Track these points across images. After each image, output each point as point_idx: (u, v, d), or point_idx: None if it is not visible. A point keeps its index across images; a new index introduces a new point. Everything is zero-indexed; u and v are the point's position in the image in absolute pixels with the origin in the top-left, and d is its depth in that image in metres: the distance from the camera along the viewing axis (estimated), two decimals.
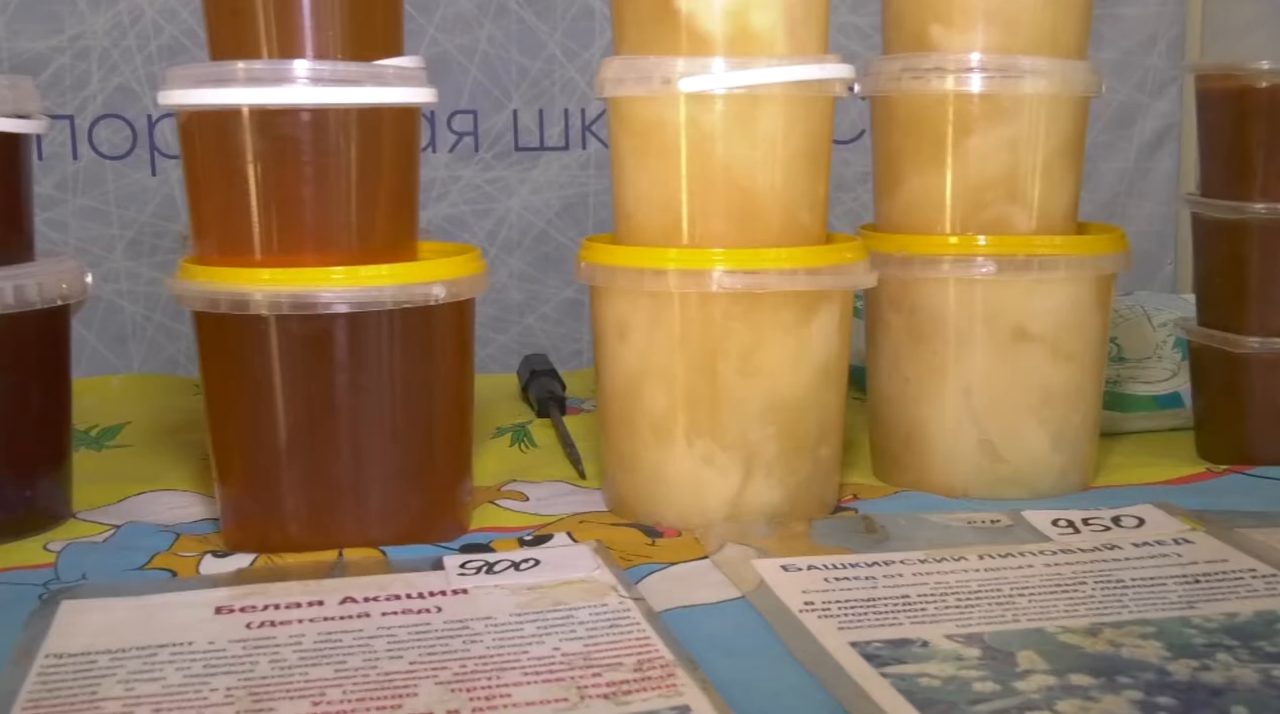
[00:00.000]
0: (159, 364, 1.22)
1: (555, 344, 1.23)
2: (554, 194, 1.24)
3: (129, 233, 1.20)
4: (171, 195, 1.22)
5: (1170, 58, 1.32)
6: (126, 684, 0.49)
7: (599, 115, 1.28)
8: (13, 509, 0.69)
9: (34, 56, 1.18)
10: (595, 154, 1.25)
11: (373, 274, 0.63)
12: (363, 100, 0.64)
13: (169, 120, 1.22)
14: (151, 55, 1.26)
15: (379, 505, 0.66)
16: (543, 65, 1.24)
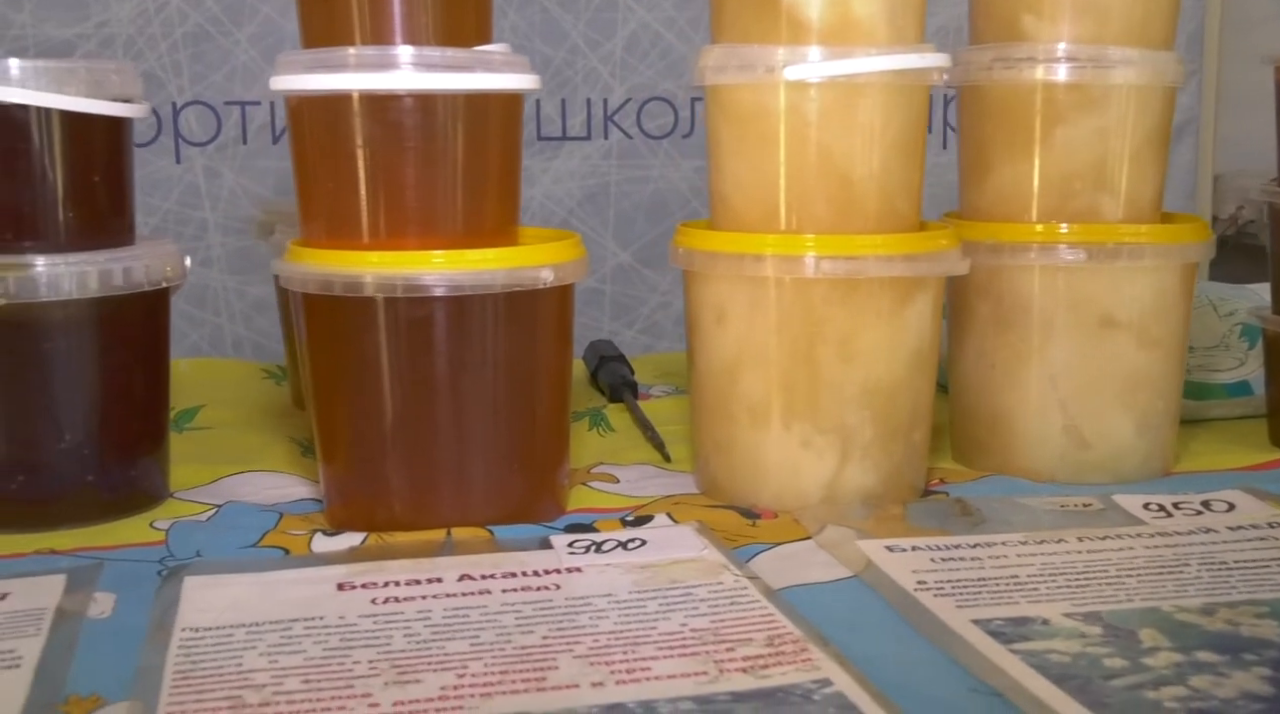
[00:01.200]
0: (183, 350, 1.22)
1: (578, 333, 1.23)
2: (575, 184, 1.25)
3: (153, 220, 1.21)
4: (195, 183, 1.23)
5: (1190, 51, 1.33)
6: (269, 657, 0.50)
7: (621, 105, 1.29)
8: (117, 489, 0.70)
9: (60, 43, 1.19)
10: (617, 144, 1.25)
11: (484, 258, 0.64)
12: (471, 86, 0.65)
13: (193, 108, 1.23)
14: (176, 43, 1.27)
15: (482, 486, 0.67)
16: (565, 55, 1.25)
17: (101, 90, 0.68)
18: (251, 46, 1.20)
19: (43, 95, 0.66)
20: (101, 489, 0.69)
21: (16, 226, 0.67)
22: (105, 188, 0.70)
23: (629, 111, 1.30)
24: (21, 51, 1.28)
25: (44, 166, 0.67)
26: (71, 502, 0.68)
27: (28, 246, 0.67)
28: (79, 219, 0.68)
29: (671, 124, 1.48)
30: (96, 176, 0.69)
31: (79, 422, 0.68)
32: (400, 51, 0.64)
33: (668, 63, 1.48)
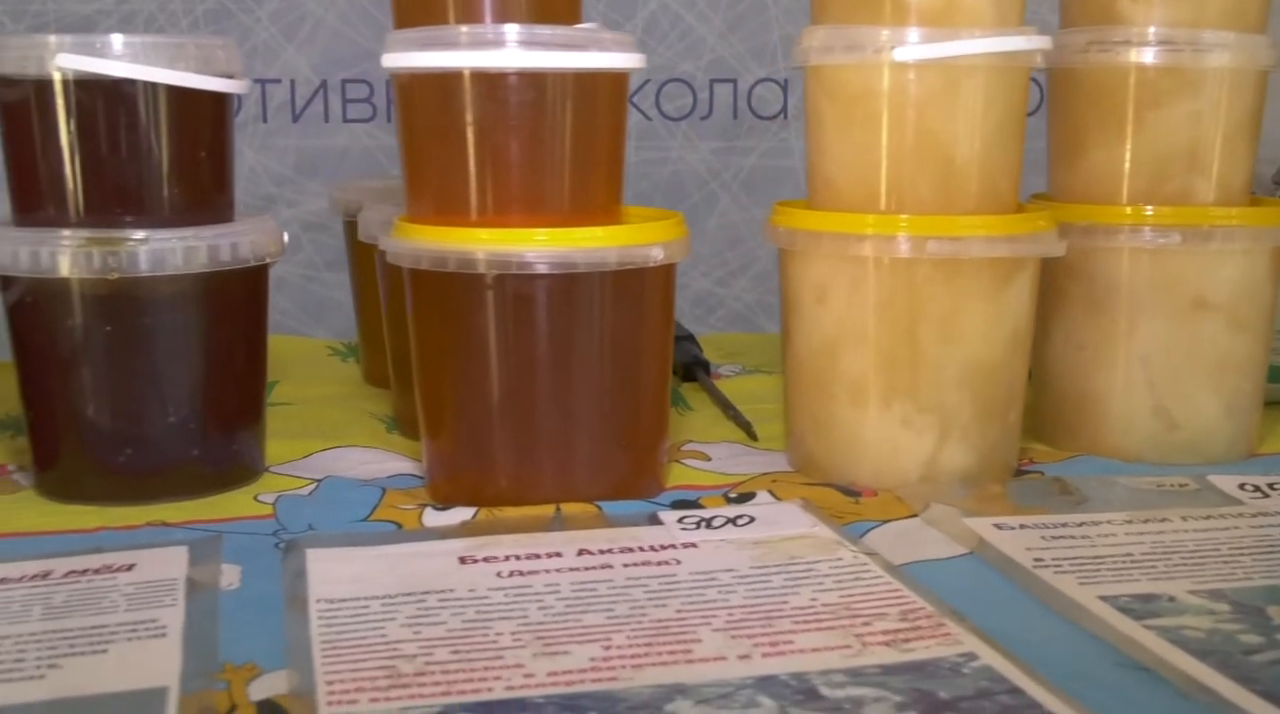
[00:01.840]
0: None
1: None
2: None
3: None
4: None
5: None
6: (412, 628, 0.51)
7: (640, 87, 1.28)
8: (218, 462, 0.70)
9: (81, 19, 1.18)
10: (636, 125, 1.24)
11: (596, 236, 0.64)
12: (581, 65, 0.65)
13: None
14: (197, 20, 1.26)
15: (586, 462, 0.67)
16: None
17: (209, 66, 0.68)
18: (272, 24, 1.20)
19: (152, 70, 0.66)
20: (205, 463, 0.69)
21: (124, 202, 0.67)
22: (210, 164, 0.70)
23: (648, 93, 1.30)
24: (43, 28, 1.28)
25: (152, 142, 0.67)
26: (177, 475, 0.69)
27: (134, 221, 0.67)
28: (184, 195, 0.69)
29: (690, 106, 1.48)
30: (202, 152, 0.69)
31: (185, 396, 0.68)
32: (512, 29, 0.64)
33: (687, 44, 1.47)
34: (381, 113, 1.39)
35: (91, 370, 0.67)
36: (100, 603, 0.54)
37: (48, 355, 0.67)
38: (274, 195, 1.16)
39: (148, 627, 0.51)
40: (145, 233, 0.66)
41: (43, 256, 0.65)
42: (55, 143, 0.67)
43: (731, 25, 1.29)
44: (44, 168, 0.67)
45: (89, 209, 0.67)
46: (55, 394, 0.68)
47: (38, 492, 0.70)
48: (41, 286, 0.66)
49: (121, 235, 0.66)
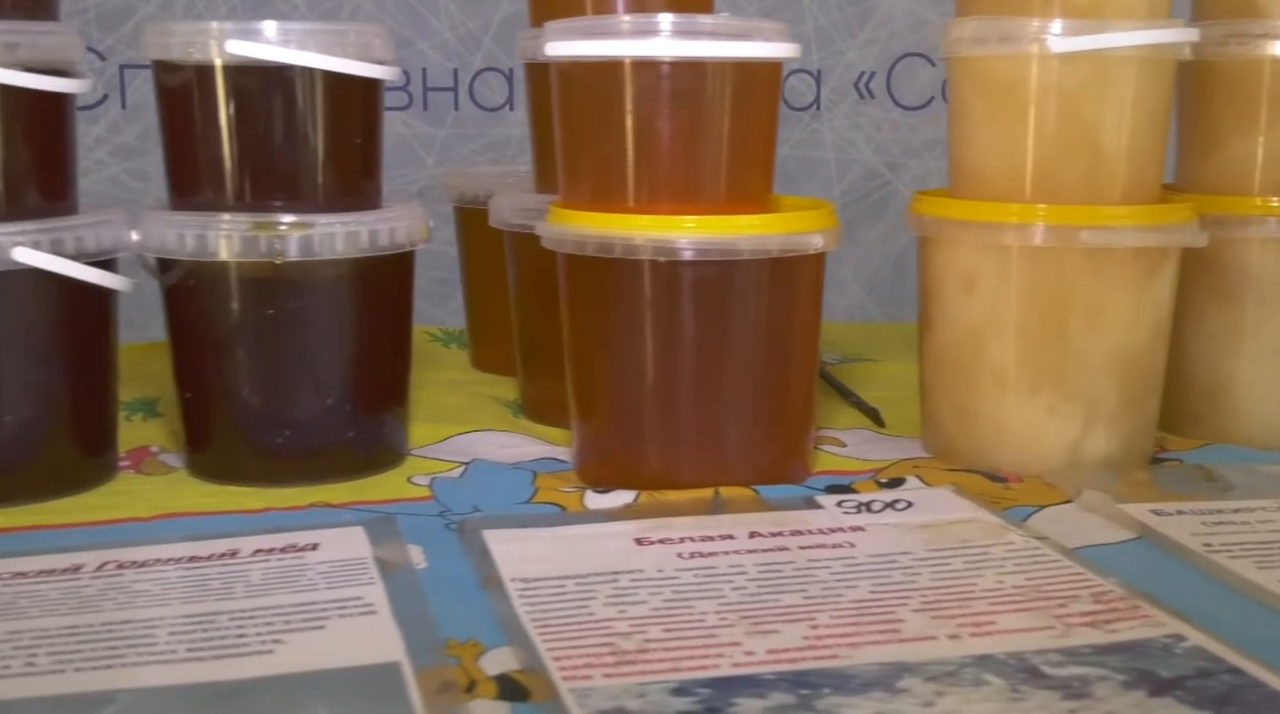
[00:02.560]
0: None
1: None
2: None
3: None
4: None
5: None
6: (616, 607, 0.52)
7: None
8: (370, 445, 0.71)
9: (119, 6, 1.18)
10: None
11: (756, 223, 0.65)
12: (741, 54, 0.66)
13: None
14: (235, 6, 1.27)
15: (738, 447, 0.68)
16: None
17: (366, 53, 0.69)
18: (309, 10, 1.19)
19: (316, 57, 0.67)
20: (357, 445, 0.70)
21: (282, 187, 0.68)
22: (362, 150, 0.71)
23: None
24: (81, 13, 1.28)
25: (309, 128, 0.68)
26: (332, 456, 0.70)
27: (290, 206, 0.68)
28: (338, 180, 0.70)
29: None
30: (357, 138, 0.70)
31: (341, 379, 0.69)
32: (674, 19, 0.65)
33: None
34: (418, 101, 1.40)
35: (252, 353, 0.68)
36: (298, 581, 0.55)
37: (206, 338, 0.68)
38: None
39: (355, 604, 0.52)
40: (309, 217, 0.67)
41: (209, 240, 0.66)
42: (216, 128, 0.68)
43: (765, 15, 1.29)
44: (204, 152, 0.68)
45: (247, 193, 0.68)
46: (213, 376, 0.69)
47: (190, 472, 0.71)
48: (203, 270, 0.67)
49: (285, 219, 0.66)
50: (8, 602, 0.53)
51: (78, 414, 0.68)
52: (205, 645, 0.49)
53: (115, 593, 0.54)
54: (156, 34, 0.68)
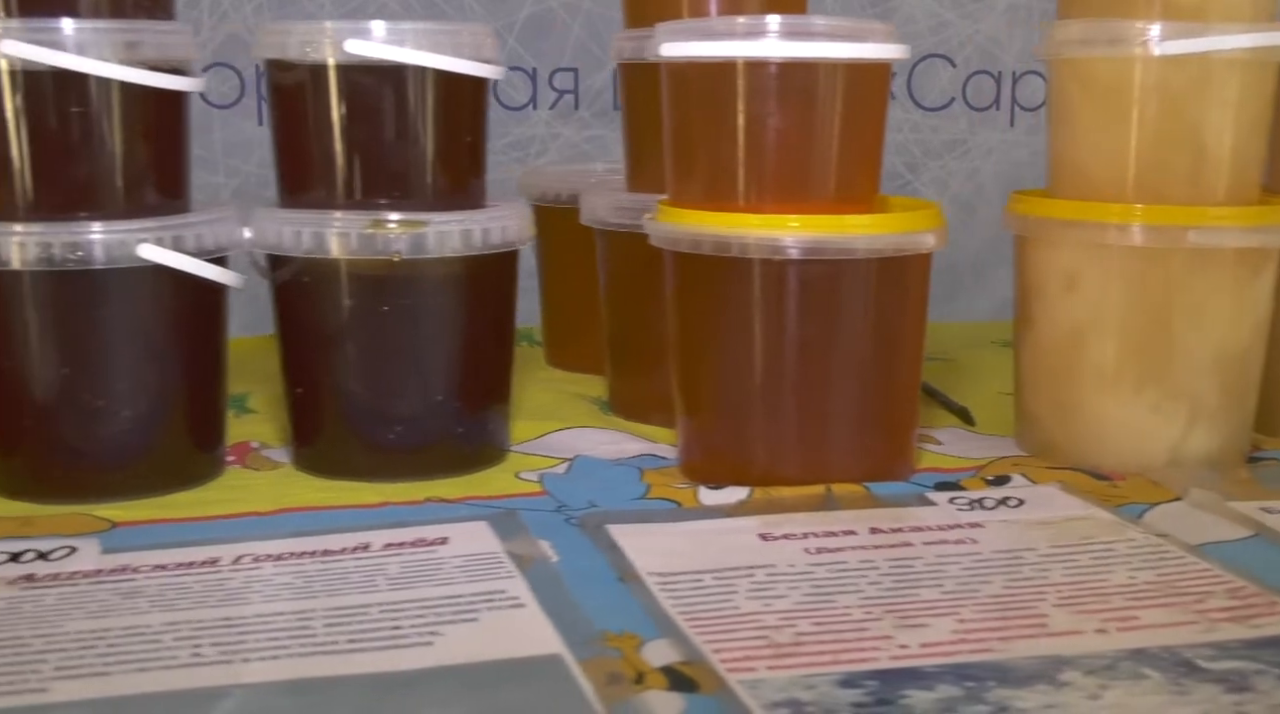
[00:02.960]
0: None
1: None
2: None
3: (234, 181, 1.17)
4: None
5: None
6: (759, 600, 0.53)
7: None
8: (475, 441, 0.72)
9: None
10: None
11: (868, 223, 0.66)
12: (852, 55, 0.67)
13: None
14: (261, 5, 1.27)
15: (844, 443, 0.69)
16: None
17: (476, 52, 0.70)
18: (335, 9, 1.19)
19: (428, 56, 0.68)
20: (465, 441, 0.71)
21: (393, 184, 0.69)
22: (471, 148, 0.72)
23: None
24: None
25: (420, 126, 0.69)
26: (441, 452, 0.70)
27: (401, 204, 0.69)
28: (448, 179, 0.70)
29: None
30: (468, 137, 0.71)
31: (451, 375, 0.70)
32: (787, 20, 0.66)
33: None
34: None
35: (365, 349, 0.68)
36: (436, 575, 0.55)
37: (318, 334, 0.69)
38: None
39: (501, 597, 0.53)
40: (425, 215, 0.67)
41: (325, 238, 0.67)
42: (329, 126, 0.68)
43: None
44: (317, 151, 0.69)
45: (358, 191, 0.69)
46: (324, 372, 0.69)
47: (297, 467, 0.72)
48: (317, 267, 0.68)
49: (401, 217, 0.67)
50: (156, 594, 0.53)
51: (191, 410, 0.69)
52: (364, 637, 0.49)
53: (259, 585, 0.54)
54: (273, 34, 0.69)
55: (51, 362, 0.65)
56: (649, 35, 0.77)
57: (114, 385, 0.65)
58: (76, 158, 0.65)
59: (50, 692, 0.45)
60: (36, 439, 0.66)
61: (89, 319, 0.64)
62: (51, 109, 0.64)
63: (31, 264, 0.63)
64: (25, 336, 0.64)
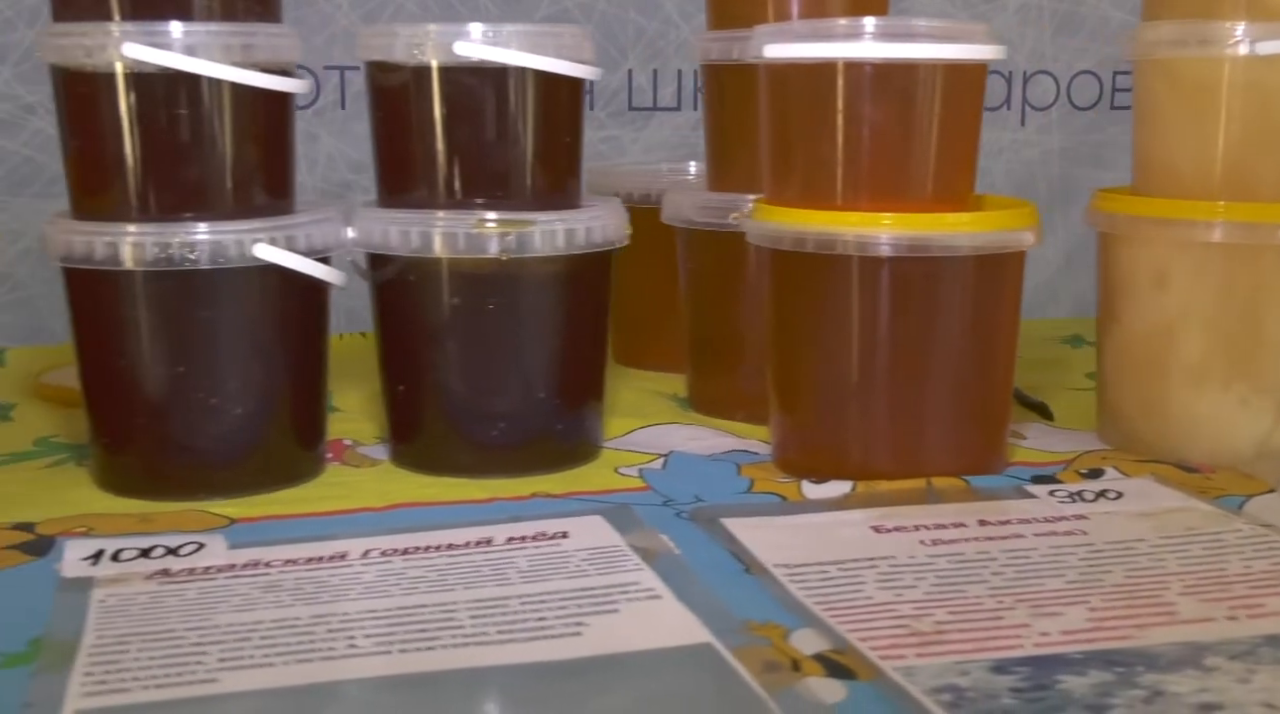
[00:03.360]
0: None
1: None
2: (664, 154, 1.23)
3: None
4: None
5: None
6: (890, 590, 0.54)
7: None
8: (573, 437, 0.73)
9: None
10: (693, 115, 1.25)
11: (967, 221, 0.67)
12: (951, 56, 0.68)
13: None
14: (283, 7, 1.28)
15: (940, 438, 0.70)
16: (659, 26, 1.24)
17: (577, 54, 0.71)
18: (352, 10, 1.19)
19: (532, 58, 0.69)
20: (564, 437, 0.72)
21: (494, 184, 0.70)
22: (570, 149, 0.73)
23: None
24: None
25: (521, 127, 0.70)
26: (541, 449, 0.71)
27: (501, 204, 0.70)
28: (548, 179, 0.71)
29: None
30: (567, 138, 0.72)
31: (552, 372, 0.71)
32: (887, 23, 0.67)
33: None
34: None
35: (469, 347, 0.69)
36: (565, 567, 0.56)
37: (422, 332, 0.70)
38: (351, 182, 1.15)
39: (635, 589, 0.54)
40: (531, 215, 0.68)
41: (433, 237, 0.68)
42: (432, 127, 0.69)
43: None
44: (419, 151, 0.70)
45: (459, 191, 0.70)
46: (428, 370, 0.70)
47: (396, 464, 0.73)
48: (423, 266, 0.69)
49: (515, 217, 0.68)
50: (294, 588, 0.54)
51: (296, 408, 0.70)
52: (512, 629, 0.50)
53: (394, 579, 0.55)
54: (378, 36, 0.70)
55: (166, 360, 0.66)
56: (736, 37, 0.79)
57: (226, 384, 0.66)
58: (188, 159, 0.66)
59: (220, 682, 0.46)
60: (149, 437, 0.67)
61: (203, 318, 0.65)
62: (165, 111, 0.65)
63: (148, 263, 0.64)
64: (140, 336, 0.65)
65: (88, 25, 0.64)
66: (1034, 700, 0.44)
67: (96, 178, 0.66)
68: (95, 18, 0.65)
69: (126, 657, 0.48)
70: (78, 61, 0.64)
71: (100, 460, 0.69)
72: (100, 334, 0.66)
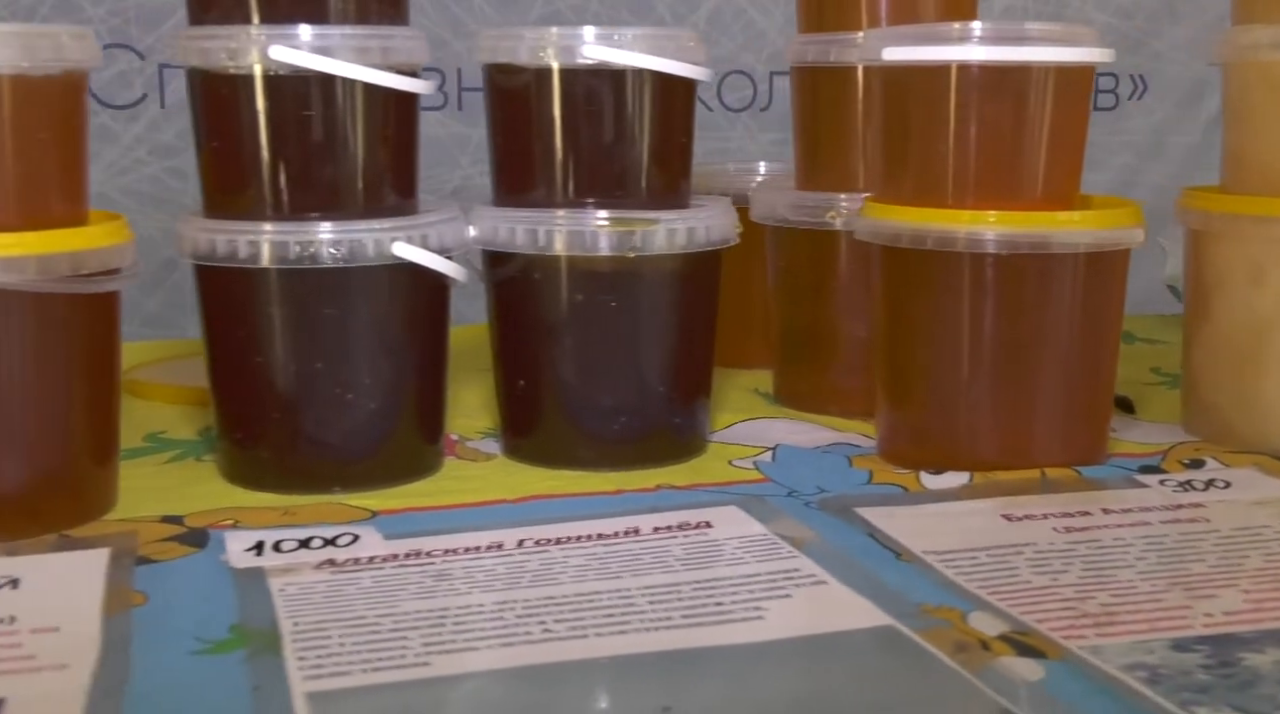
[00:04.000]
0: None
1: None
2: None
3: None
4: None
5: None
6: (1044, 575, 0.56)
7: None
8: (686, 431, 0.75)
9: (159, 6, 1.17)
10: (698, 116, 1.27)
11: (1089, 219, 0.69)
12: (1063, 59, 0.70)
13: None
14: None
15: (1048, 430, 0.72)
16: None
17: (689, 56, 0.72)
18: None
19: (653, 59, 0.70)
20: (678, 431, 0.74)
21: (614, 185, 0.72)
22: (683, 149, 0.74)
23: (709, 84, 1.33)
24: (122, 13, 1.28)
25: (640, 128, 0.72)
26: (658, 442, 0.73)
27: (618, 204, 0.71)
28: (663, 179, 0.73)
29: (750, 97, 1.52)
30: (682, 138, 0.74)
31: (670, 367, 0.73)
32: (1001, 27, 0.69)
33: (749, 36, 1.52)
34: (453, 101, 1.42)
35: (593, 343, 0.71)
36: (721, 555, 0.58)
37: (543, 328, 0.71)
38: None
39: (799, 575, 0.56)
40: (657, 214, 0.70)
41: (561, 236, 0.69)
42: (551, 127, 0.71)
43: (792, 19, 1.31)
44: (538, 151, 0.72)
45: (580, 191, 0.72)
46: (548, 365, 0.72)
47: (511, 457, 0.74)
48: (547, 263, 0.70)
49: (641, 216, 0.70)
50: (464, 576, 0.56)
51: (421, 403, 0.71)
52: (695, 613, 0.52)
53: (558, 567, 0.57)
54: (501, 39, 0.71)
55: (304, 357, 0.67)
56: (833, 40, 0.81)
57: (360, 379, 0.68)
58: (324, 159, 0.67)
59: (433, 666, 0.47)
60: (283, 432, 0.68)
61: (338, 315, 0.67)
62: (302, 112, 0.66)
63: (291, 262, 0.65)
64: (278, 333, 0.67)
65: (231, 29, 0.65)
66: (1226, 676, 0.46)
67: (234, 178, 0.67)
68: (234, 22, 0.66)
69: (331, 642, 0.49)
70: (220, 64, 0.65)
71: (229, 455, 0.70)
72: (235, 331, 0.68)
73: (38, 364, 0.61)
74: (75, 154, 0.63)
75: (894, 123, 0.72)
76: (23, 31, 0.59)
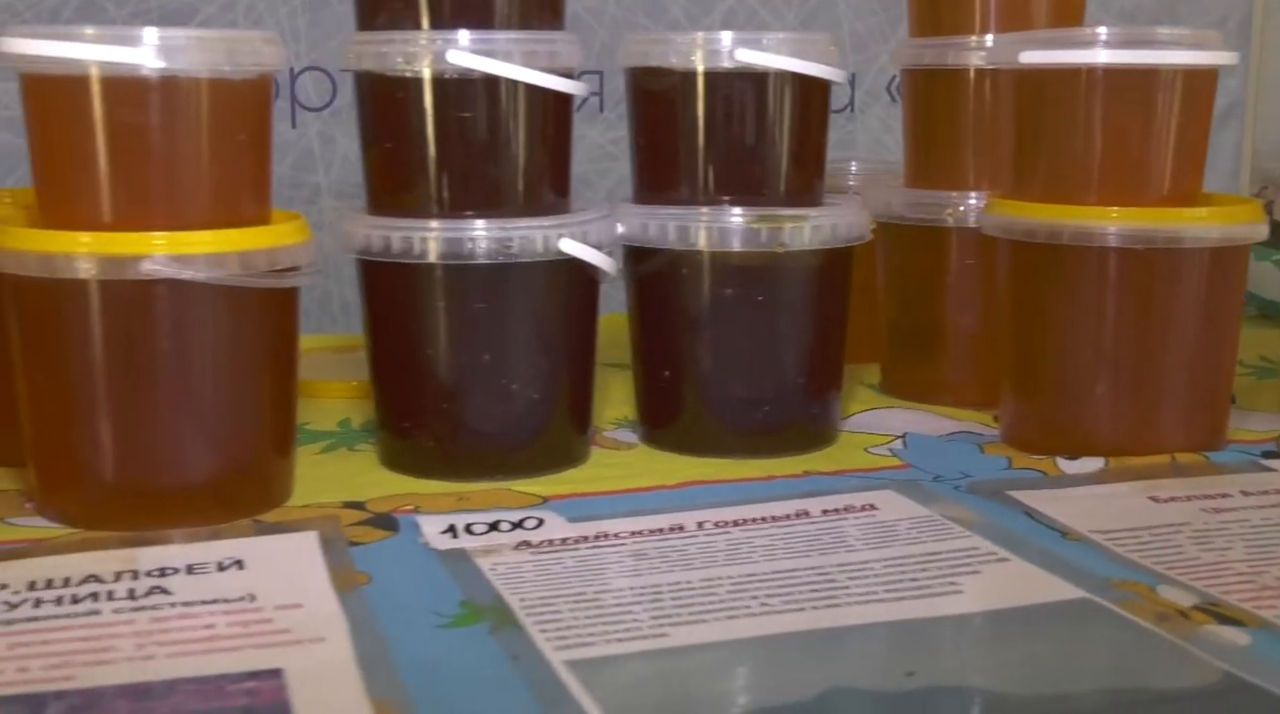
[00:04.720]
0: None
1: None
2: None
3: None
4: (310, 147, 1.23)
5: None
6: (1211, 551, 0.59)
7: None
8: (820, 421, 0.77)
9: (182, 7, 1.19)
10: None
11: (1216, 215, 0.72)
12: (1189, 62, 0.73)
13: (309, 73, 1.21)
14: (295, 9, 1.30)
15: (1174, 416, 0.75)
16: (666, 29, 1.27)
17: (825, 58, 0.75)
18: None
19: (794, 62, 0.73)
20: (814, 421, 0.77)
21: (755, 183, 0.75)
22: (818, 149, 0.77)
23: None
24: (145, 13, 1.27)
25: (780, 127, 0.75)
26: (797, 431, 0.76)
27: (756, 201, 0.74)
28: (799, 178, 0.76)
29: None
30: (818, 138, 0.77)
31: (809, 358, 0.76)
32: (1133, 31, 0.73)
33: None
34: None
35: (740, 335, 0.74)
36: (897, 535, 0.61)
37: (688, 322, 0.74)
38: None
39: (979, 552, 0.59)
40: (803, 211, 0.73)
41: (709, 232, 0.72)
42: (695, 127, 0.74)
43: (804, 20, 1.32)
44: (683, 150, 0.75)
45: (722, 188, 0.74)
46: (692, 357, 0.75)
47: (653, 446, 0.77)
48: (692, 258, 0.73)
49: (791, 213, 0.73)
50: (659, 556, 0.59)
51: (575, 394, 0.74)
52: (896, 588, 0.55)
53: (745, 547, 0.60)
54: (649, 44, 0.74)
55: (471, 349, 0.69)
56: (949, 44, 0.84)
57: (522, 370, 0.70)
58: (488, 158, 0.70)
59: (670, 636, 0.50)
60: (448, 421, 0.71)
61: (503, 308, 0.69)
62: (470, 114, 0.69)
63: (462, 258, 0.68)
64: (447, 327, 0.69)
65: (405, 34, 0.68)
66: None
67: (403, 176, 0.70)
68: (403, 27, 0.69)
69: (563, 616, 0.52)
70: (396, 68, 0.68)
71: (391, 444, 0.73)
72: (402, 325, 0.70)
73: (231, 357, 0.63)
74: (265, 154, 0.66)
75: (1026, 123, 0.75)
76: (224, 36, 0.62)
